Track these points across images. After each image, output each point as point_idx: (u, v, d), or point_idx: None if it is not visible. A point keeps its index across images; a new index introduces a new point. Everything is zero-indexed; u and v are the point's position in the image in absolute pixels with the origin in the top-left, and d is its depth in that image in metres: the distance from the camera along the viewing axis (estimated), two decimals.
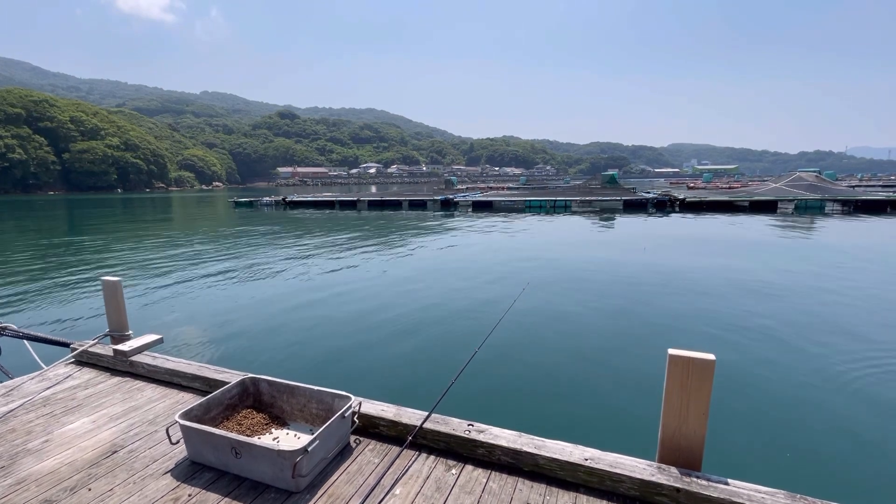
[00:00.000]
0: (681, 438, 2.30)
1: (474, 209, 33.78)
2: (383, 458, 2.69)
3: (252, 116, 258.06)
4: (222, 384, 3.36)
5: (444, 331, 7.34)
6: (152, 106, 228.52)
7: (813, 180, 37.76)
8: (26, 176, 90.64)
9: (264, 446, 2.42)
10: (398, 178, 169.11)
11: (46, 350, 4.52)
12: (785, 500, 2.09)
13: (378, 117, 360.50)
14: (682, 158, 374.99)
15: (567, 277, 11.14)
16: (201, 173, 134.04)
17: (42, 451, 2.82)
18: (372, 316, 8.11)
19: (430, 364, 6.09)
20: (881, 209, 28.38)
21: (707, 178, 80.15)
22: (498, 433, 2.66)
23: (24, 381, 3.80)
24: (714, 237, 18.15)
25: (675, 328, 7.32)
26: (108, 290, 4.14)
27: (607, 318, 7.88)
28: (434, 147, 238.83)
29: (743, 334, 6.97)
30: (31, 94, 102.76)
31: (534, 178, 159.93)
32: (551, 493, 2.37)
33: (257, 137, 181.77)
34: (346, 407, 2.73)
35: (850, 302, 8.69)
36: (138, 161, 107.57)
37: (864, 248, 14.93)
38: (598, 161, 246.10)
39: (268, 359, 6.32)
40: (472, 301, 9.02)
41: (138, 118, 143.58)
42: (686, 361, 2.21)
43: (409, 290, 9.90)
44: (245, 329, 7.56)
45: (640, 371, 5.76)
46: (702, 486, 2.19)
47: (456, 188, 53.40)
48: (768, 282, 10.28)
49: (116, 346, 3.97)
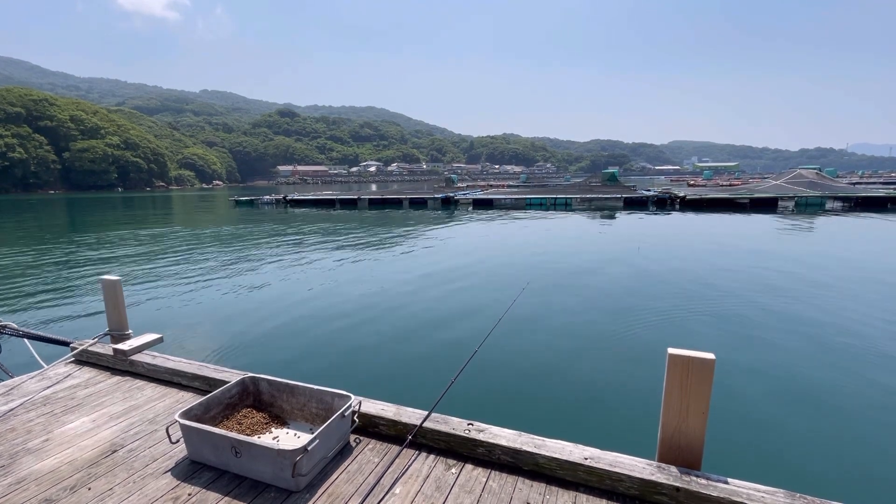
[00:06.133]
0: (680, 437, 2.30)
1: (475, 207, 33.76)
2: (383, 458, 2.69)
3: (252, 115, 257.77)
4: (222, 383, 3.36)
5: (444, 330, 7.34)
6: (152, 105, 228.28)
7: (813, 177, 37.74)
8: (26, 175, 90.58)
9: (264, 445, 2.42)
10: (398, 176, 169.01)
11: (46, 349, 4.52)
12: (784, 500, 2.09)
13: (378, 115, 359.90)
14: (682, 156, 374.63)
15: (567, 276, 11.13)
16: (201, 172, 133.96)
17: (42, 450, 2.82)
18: (372, 315, 8.11)
19: (430, 363, 6.09)
20: (882, 206, 28.36)
21: (707, 176, 80.00)
22: (498, 432, 2.66)
23: (24, 380, 3.80)
24: (714, 235, 18.13)
25: (675, 327, 7.32)
26: (107, 289, 4.14)
27: (607, 317, 7.88)
28: (434, 145, 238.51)
29: (743, 333, 6.97)
30: (30, 93, 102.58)
31: (534, 175, 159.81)
32: (551, 493, 2.37)
33: (257, 136, 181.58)
34: (345, 406, 2.73)
35: (851, 301, 8.68)
36: (138, 160, 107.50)
37: (864, 247, 14.91)
38: (598, 158, 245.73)
39: (268, 358, 6.33)
40: (472, 300, 9.02)
41: (138, 117, 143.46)
42: (686, 361, 2.20)
43: (408, 290, 9.89)
44: (245, 328, 7.57)
45: (639, 370, 5.76)
46: (701, 485, 2.19)
47: (456, 186, 53.38)
48: (768, 281, 10.27)
49: (116, 346, 3.97)
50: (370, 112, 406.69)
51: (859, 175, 79.10)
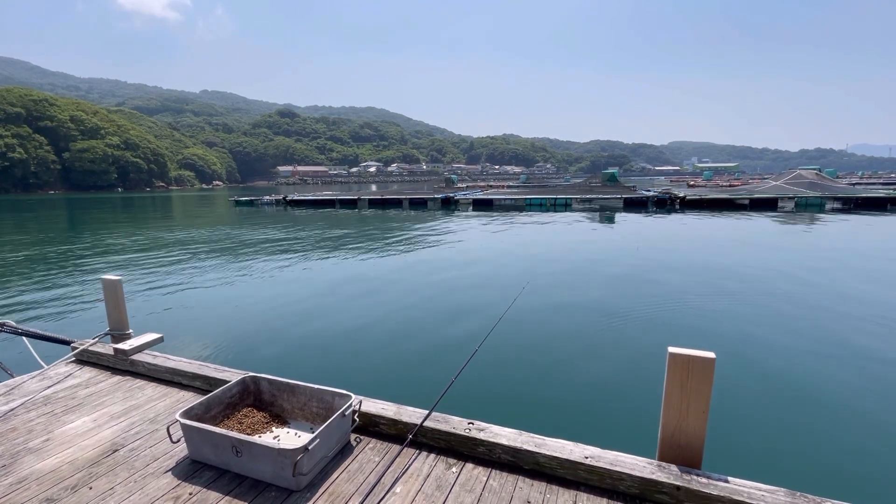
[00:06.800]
0: (681, 436, 2.30)
1: (475, 207, 33.76)
2: (384, 457, 2.69)
3: (252, 115, 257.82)
4: (223, 383, 3.36)
5: (444, 329, 7.34)
6: (152, 105, 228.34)
7: (813, 178, 37.75)
8: (26, 175, 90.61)
9: (265, 445, 2.42)
10: (398, 176, 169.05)
11: (47, 349, 4.53)
12: (785, 498, 2.09)
13: (378, 116, 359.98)
14: (682, 156, 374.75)
15: (567, 276, 11.13)
16: (201, 172, 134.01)
17: (43, 449, 2.82)
18: (372, 314, 8.11)
19: (431, 362, 6.09)
20: (881, 206, 28.36)
21: (707, 176, 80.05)
22: (498, 431, 2.66)
23: (24, 379, 3.81)
24: (714, 235, 18.13)
25: (676, 326, 7.32)
26: (108, 288, 4.14)
27: (607, 316, 7.88)
28: (434, 145, 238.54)
29: (743, 333, 6.97)
30: (30, 93, 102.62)
31: (534, 176, 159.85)
32: (552, 492, 2.37)
33: (257, 136, 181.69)
34: (346, 405, 2.73)
35: (851, 301, 8.69)
36: (138, 160, 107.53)
37: (864, 247, 14.91)
38: (598, 159, 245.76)
39: (268, 357, 6.33)
40: (473, 300, 9.02)
41: (138, 117, 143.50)
42: (686, 359, 2.21)
43: (409, 289, 9.90)
44: (246, 328, 7.57)
45: (640, 369, 5.76)
46: (702, 483, 2.19)
47: (456, 186, 53.36)
48: (769, 280, 10.27)
49: (117, 345, 3.98)
50: (370, 112, 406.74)
51: (859, 176, 79.12)
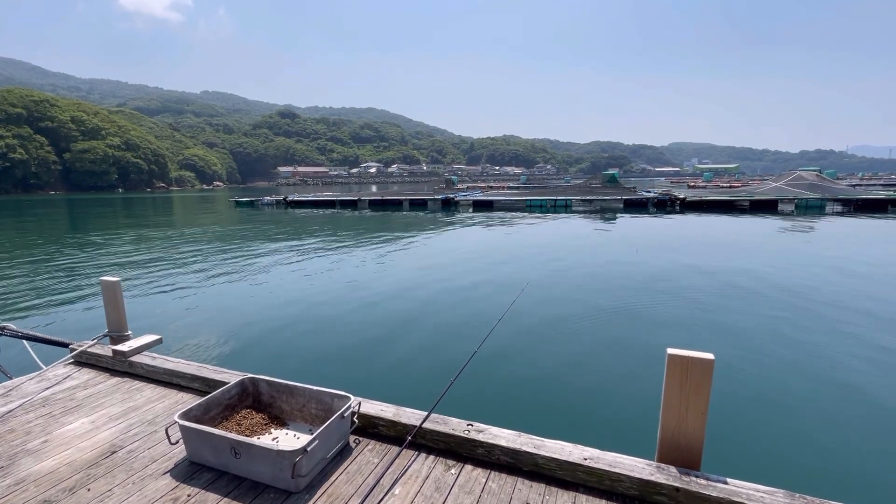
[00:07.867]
0: (680, 438, 2.30)
1: (475, 208, 33.77)
2: (383, 458, 2.69)
3: (252, 116, 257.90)
4: (221, 384, 3.35)
5: (443, 331, 7.33)
6: (153, 106, 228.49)
7: (814, 179, 37.71)
8: (27, 176, 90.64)
9: (264, 446, 2.42)
10: (399, 177, 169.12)
11: (45, 350, 4.52)
12: (784, 500, 2.09)
13: (378, 116, 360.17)
14: (682, 157, 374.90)
15: (567, 277, 11.13)
16: (202, 173, 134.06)
17: (41, 451, 2.82)
18: (371, 316, 8.11)
19: (430, 364, 6.09)
20: (882, 208, 28.35)
21: (707, 177, 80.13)
22: (497, 433, 2.66)
23: (23, 381, 3.80)
24: (714, 236, 18.13)
25: (675, 327, 7.32)
26: (107, 290, 4.14)
27: (607, 317, 7.88)
28: (434, 146, 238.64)
29: (742, 334, 6.96)
30: (31, 93, 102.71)
31: (534, 177, 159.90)
32: (551, 493, 2.37)
33: (258, 137, 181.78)
34: (345, 407, 2.73)
35: (851, 301, 8.68)
36: (139, 161, 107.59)
37: (864, 248, 14.91)
38: (598, 160, 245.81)
39: (267, 359, 6.33)
40: (472, 301, 9.01)
41: (139, 118, 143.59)
42: (685, 361, 2.20)
43: (408, 290, 9.89)
44: (244, 329, 7.56)
45: (639, 370, 5.76)
46: (701, 485, 2.19)
47: (456, 187, 53.39)
48: (768, 281, 10.27)
49: (115, 347, 3.97)
50: (370, 113, 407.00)
51: (859, 177, 79.18)
